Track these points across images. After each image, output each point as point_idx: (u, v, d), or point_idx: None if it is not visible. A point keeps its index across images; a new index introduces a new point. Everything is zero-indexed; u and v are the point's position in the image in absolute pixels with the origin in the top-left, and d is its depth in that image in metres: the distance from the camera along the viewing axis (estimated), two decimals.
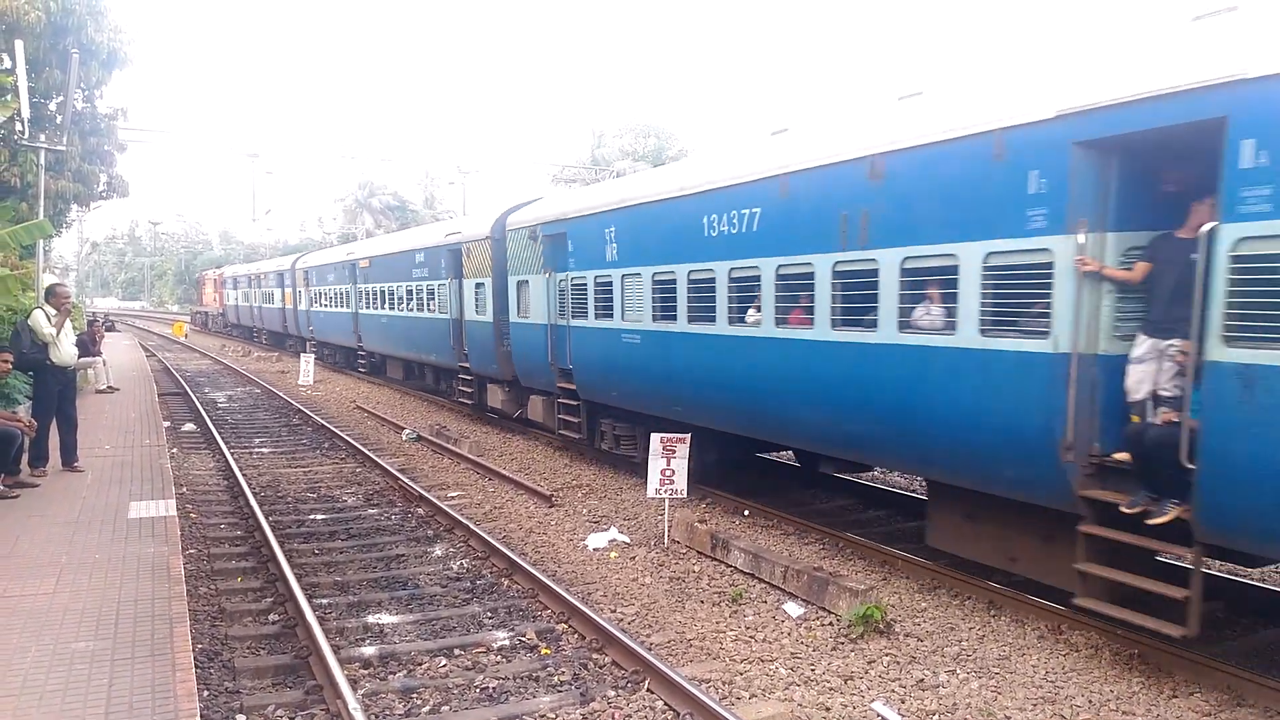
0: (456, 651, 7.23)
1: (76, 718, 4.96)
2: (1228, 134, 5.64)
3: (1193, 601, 6.11)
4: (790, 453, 13.87)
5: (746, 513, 11.47)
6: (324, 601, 8.31)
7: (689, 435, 10.61)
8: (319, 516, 11.62)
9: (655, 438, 10.37)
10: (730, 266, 10.42)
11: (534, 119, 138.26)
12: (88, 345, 18.31)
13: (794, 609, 8.17)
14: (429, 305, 22.07)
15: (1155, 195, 6.67)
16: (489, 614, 8.15)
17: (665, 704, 6.25)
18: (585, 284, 13.77)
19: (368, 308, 27.56)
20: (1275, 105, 5.46)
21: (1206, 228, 5.85)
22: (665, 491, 10.39)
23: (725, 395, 10.95)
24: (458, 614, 8.13)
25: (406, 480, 13.21)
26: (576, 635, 7.62)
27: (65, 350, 11.17)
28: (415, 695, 6.44)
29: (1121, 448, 6.69)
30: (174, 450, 15.29)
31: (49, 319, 10.96)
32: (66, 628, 6.28)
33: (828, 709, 6.29)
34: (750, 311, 10.26)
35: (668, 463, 10.35)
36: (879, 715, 6.20)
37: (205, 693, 6.21)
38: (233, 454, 15.13)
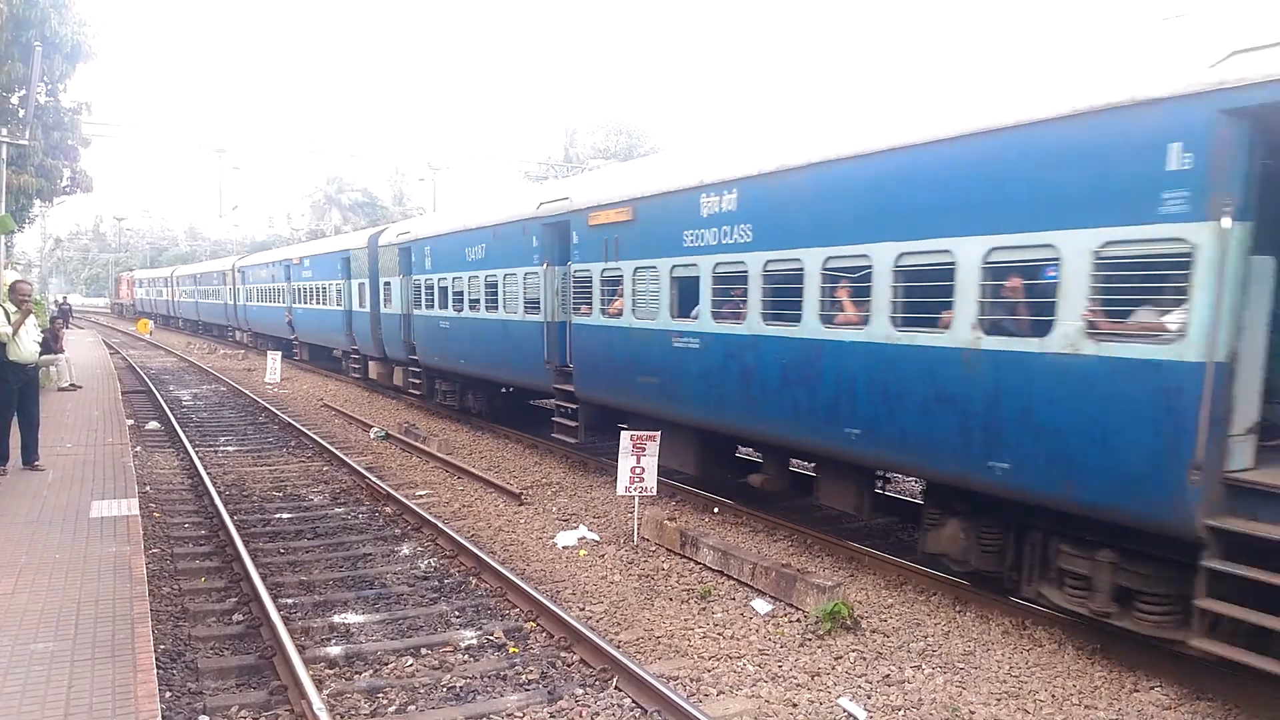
0: (423, 651, 7.20)
1: None
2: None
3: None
4: None
5: (716, 510, 11.51)
6: (289, 601, 8.24)
7: (659, 433, 10.64)
8: (285, 515, 11.51)
9: (625, 435, 10.37)
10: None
11: (506, 116, 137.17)
12: (50, 343, 17.99)
13: (762, 606, 8.22)
14: (218, 298, 46.09)
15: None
16: (456, 613, 8.11)
17: (633, 701, 6.27)
18: (256, 289, 38.49)
19: (203, 299, 50.99)
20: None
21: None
22: (635, 489, 10.39)
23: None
24: (425, 613, 8.09)
25: (374, 479, 13.12)
26: (545, 634, 7.61)
27: (25, 348, 10.95)
28: (381, 695, 6.40)
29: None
30: (137, 449, 15.09)
31: (8, 316, 10.75)
32: (25, 628, 6.17)
33: (795, 705, 6.33)
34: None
35: (637, 460, 10.35)
36: (845, 711, 6.25)
37: (167, 694, 6.14)
38: (197, 452, 14.96)
